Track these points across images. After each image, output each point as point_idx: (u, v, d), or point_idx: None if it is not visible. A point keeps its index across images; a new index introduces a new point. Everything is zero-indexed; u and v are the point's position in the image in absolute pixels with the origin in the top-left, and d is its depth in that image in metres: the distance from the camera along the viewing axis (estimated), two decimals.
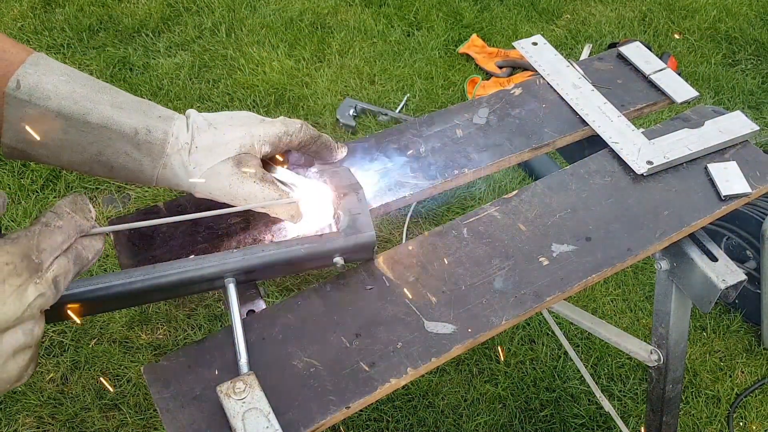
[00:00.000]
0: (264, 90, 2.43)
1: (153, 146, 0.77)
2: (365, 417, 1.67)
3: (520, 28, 2.78)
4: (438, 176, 0.95)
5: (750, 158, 0.99)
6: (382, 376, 0.74)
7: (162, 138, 0.77)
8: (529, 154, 1.01)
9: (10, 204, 2.06)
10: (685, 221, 0.92)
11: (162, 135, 0.77)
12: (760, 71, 2.62)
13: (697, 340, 1.86)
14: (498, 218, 0.91)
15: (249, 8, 2.79)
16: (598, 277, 0.85)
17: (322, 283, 0.83)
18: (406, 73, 2.54)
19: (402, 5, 2.83)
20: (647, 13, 2.87)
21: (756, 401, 1.75)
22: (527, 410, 1.70)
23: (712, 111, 1.07)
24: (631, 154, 0.98)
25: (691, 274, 1.00)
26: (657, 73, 1.11)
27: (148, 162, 0.77)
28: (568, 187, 0.96)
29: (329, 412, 0.71)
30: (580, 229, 0.90)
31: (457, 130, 1.02)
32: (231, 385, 0.70)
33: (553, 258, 0.86)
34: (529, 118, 1.04)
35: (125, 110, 0.76)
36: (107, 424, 1.63)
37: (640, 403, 1.72)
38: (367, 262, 0.85)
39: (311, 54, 2.60)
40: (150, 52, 2.59)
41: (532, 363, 1.79)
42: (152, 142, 0.77)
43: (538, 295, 0.82)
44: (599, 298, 1.93)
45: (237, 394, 0.69)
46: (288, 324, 0.79)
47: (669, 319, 1.10)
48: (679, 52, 2.68)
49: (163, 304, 1.85)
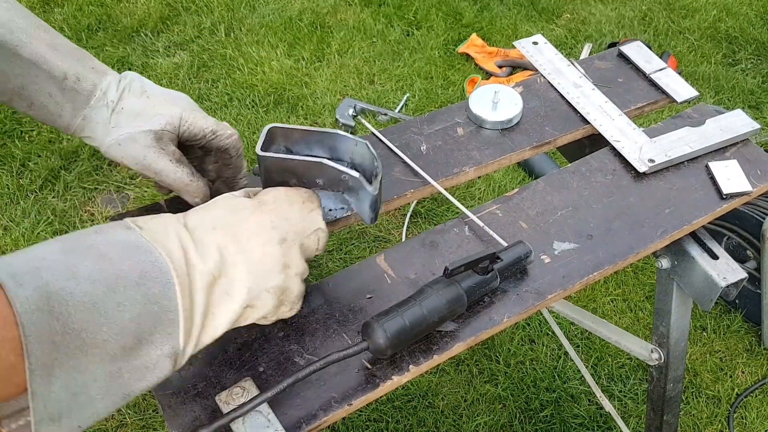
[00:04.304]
0: (263, 90, 2.43)
1: (78, 95, 0.75)
2: (365, 417, 1.67)
3: (519, 28, 2.78)
4: (439, 174, 0.95)
5: (751, 157, 0.99)
6: (383, 373, 0.74)
7: (89, 89, 0.75)
8: (530, 153, 1.01)
9: (9, 204, 2.05)
10: (686, 219, 0.92)
11: (90, 86, 0.75)
12: (760, 71, 2.62)
13: (698, 340, 1.86)
14: (499, 216, 0.91)
15: (248, 8, 2.78)
16: (600, 274, 0.85)
17: (324, 280, 0.83)
18: (405, 72, 2.54)
19: (401, 5, 2.83)
20: (647, 12, 2.87)
21: (756, 401, 1.75)
22: (527, 410, 1.70)
23: (714, 111, 1.07)
24: (632, 152, 0.98)
25: (691, 272, 0.99)
26: (657, 72, 1.11)
27: (69, 109, 0.76)
28: (569, 185, 0.96)
29: (331, 409, 0.71)
30: (581, 226, 0.90)
31: (458, 129, 1.02)
32: (229, 393, 0.70)
33: (555, 255, 0.86)
34: (529, 116, 1.04)
35: (60, 53, 0.74)
36: (106, 425, 1.63)
37: (641, 404, 1.72)
38: (368, 261, 0.85)
39: (310, 54, 2.60)
40: (149, 52, 2.58)
41: (532, 363, 1.78)
42: (78, 90, 0.75)
43: (539, 293, 0.82)
44: (599, 298, 1.92)
45: (235, 400, 0.69)
46: (289, 321, 0.78)
47: (670, 318, 1.10)
48: (679, 52, 2.68)
49: None
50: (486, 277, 0.77)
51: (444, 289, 0.74)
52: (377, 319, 0.70)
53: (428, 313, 0.72)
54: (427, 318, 0.72)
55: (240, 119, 2.33)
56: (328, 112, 2.37)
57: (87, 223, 2.02)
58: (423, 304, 0.72)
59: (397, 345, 0.70)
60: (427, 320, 0.72)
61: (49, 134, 2.24)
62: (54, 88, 0.74)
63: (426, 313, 0.72)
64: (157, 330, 0.56)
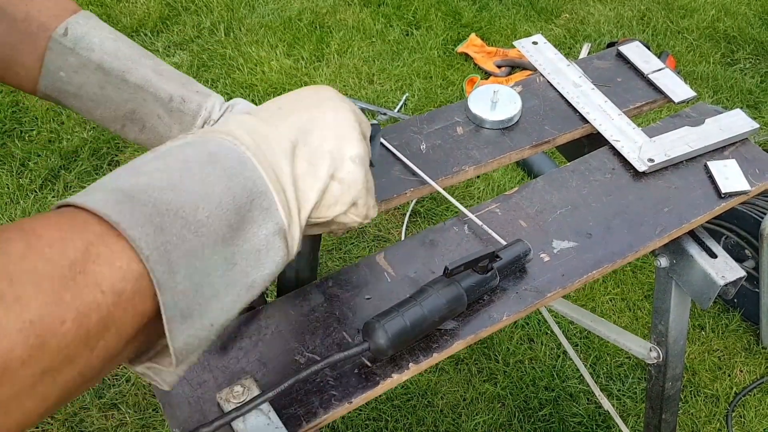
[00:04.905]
0: (263, 89, 2.43)
1: (184, 115, 0.78)
2: (364, 416, 1.67)
3: (518, 28, 2.78)
4: (438, 173, 0.95)
5: (749, 156, 1.00)
6: (383, 371, 0.74)
7: (195, 109, 0.78)
8: (530, 152, 1.02)
9: (9, 204, 2.05)
10: (684, 218, 0.92)
11: (195, 107, 0.78)
12: (758, 70, 2.63)
13: (696, 339, 1.87)
14: (499, 214, 0.91)
15: (248, 8, 2.79)
16: (599, 273, 0.85)
17: (324, 279, 0.83)
18: (404, 72, 2.54)
19: (401, 5, 2.83)
20: (646, 12, 2.87)
21: (755, 400, 1.75)
22: (526, 409, 1.71)
23: (713, 110, 1.07)
24: (632, 151, 0.98)
25: (690, 271, 1.00)
26: (655, 72, 1.12)
27: (177, 129, 0.78)
28: (568, 183, 0.96)
29: (331, 407, 0.71)
30: (580, 225, 0.90)
31: (457, 128, 1.02)
32: (229, 390, 0.70)
33: (554, 254, 0.86)
34: (529, 115, 1.05)
35: (165, 77, 0.77)
36: (106, 424, 1.63)
37: (639, 402, 1.72)
38: (368, 259, 0.85)
39: (310, 53, 2.60)
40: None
41: (531, 362, 1.79)
42: (184, 111, 0.77)
43: (538, 291, 0.82)
44: (598, 297, 1.93)
45: (236, 398, 0.69)
46: (290, 319, 0.79)
47: (668, 316, 1.10)
48: (678, 51, 2.69)
49: None
50: (486, 276, 0.78)
51: (444, 289, 0.74)
52: (378, 319, 0.71)
53: (429, 313, 0.72)
54: (427, 318, 0.72)
55: None
56: None
57: None
58: (423, 304, 0.72)
59: (398, 345, 0.71)
60: (427, 320, 0.72)
61: (49, 134, 2.25)
62: (161, 110, 0.77)
63: (426, 313, 0.72)
64: (253, 205, 0.53)
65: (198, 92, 0.79)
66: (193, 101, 0.78)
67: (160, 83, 0.76)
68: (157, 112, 0.77)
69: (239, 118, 0.60)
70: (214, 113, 0.79)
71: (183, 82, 0.79)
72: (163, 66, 0.78)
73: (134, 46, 0.77)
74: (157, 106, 0.77)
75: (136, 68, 0.75)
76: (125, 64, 0.75)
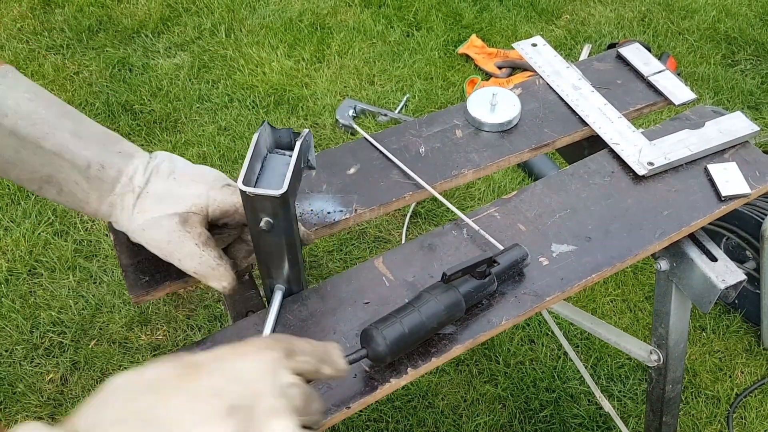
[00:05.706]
0: (263, 90, 2.43)
1: (103, 183, 0.74)
2: (365, 417, 1.67)
3: (519, 29, 2.78)
4: (437, 176, 0.95)
5: (749, 159, 0.99)
6: (382, 376, 0.74)
7: (114, 176, 0.74)
8: (529, 155, 1.01)
9: (10, 205, 2.06)
10: (684, 221, 0.92)
11: (115, 173, 0.74)
12: (759, 71, 2.62)
13: (697, 340, 1.86)
14: (498, 218, 0.91)
15: (248, 9, 2.79)
16: (598, 276, 0.85)
17: (322, 283, 0.83)
18: (405, 73, 2.54)
19: (401, 6, 2.83)
20: (646, 13, 2.87)
21: (756, 401, 1.75)
22: (527, 411, 1.70)
23: (712, 111, 1.07)
24: (632, 155, 0.98)
25: (690, 274, 1.00)
26: (655, 74, 1.11)
27: (95, 196, 0.75)
28: (567, 187, 0.96)
29: (329, 412, 0.71)
30: (579, 229, 0.90)
31: (456, 131, 1.02)
32: None
33: (553, 258, 0.86)
34: (528, 118, 1.05)
35: (84, 140, 0.74)
36: None
37: (640, 404, 1.72)
38: (367, 264, 0.85)
39: (311, 54, 2.60)
40: (149, 53, 2.59)
41: (531, 363, 1.79)
42: (102, 178, 0.74)
43: (537, 295, 0.82)
44: (599, 298, 1.93)
45: None
46: (288, 324, 0.79)
47: (669, 320, 1.10)
48: (679, 53, 2.68)
49: (163, 304, 1.84)
50: (484, 282, 0.78)
51: (442, 295, 0.74)
52: (376, 326, 0.70)
53: (427, 319, 0.72)
54: (425, 324, 0.72)
55: (240, 120, 2.34)
56: (328, 113, 2.38)
57: (87, 223, 2.02)
58: (422, 310, 0.72)
59: (397, 352, 0.71)
60: (425, 326, 0.72)
61: None
62: (79, 177, 0.73)
63: (425, 319, 0.72)
64: None
65: (120, 153, 0.75)
66: (113, 167, 0.74)
67: (77, 149, 0.73)
68: (74, 178, 0.73)
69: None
70: (136, 178, 0.75)
71: (104, 143, 0.75)
72: (83, 126, 0.74)
73: (53, 105, 0.73)
74: (75, 173, 0.73)
75: (53, 132, 0.72)
76: (41, 129, 0.71)
